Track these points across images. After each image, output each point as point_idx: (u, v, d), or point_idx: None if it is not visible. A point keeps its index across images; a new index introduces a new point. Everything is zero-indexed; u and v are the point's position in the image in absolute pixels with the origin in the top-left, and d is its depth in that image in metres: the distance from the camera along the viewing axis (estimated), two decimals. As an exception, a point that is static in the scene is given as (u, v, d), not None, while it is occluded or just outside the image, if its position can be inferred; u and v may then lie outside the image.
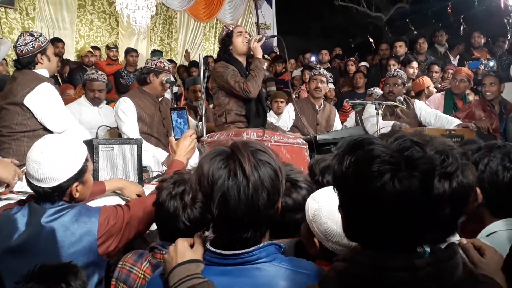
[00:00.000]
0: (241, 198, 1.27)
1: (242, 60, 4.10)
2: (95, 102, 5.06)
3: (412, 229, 1.04)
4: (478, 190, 1.79)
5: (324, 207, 1.62)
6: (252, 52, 4.02)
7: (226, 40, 4.10)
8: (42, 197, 2.05)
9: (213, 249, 1.37)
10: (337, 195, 1.18)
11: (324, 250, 1.63)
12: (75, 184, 2.07)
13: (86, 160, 2.12)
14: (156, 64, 4.15)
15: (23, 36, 3.47)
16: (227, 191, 1.27)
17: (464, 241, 1.44)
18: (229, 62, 4.05)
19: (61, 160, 2.02)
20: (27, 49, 3.40)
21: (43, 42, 3.49)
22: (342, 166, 1.09)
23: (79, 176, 2.07)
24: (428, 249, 1.11)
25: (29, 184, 2.05)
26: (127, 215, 2.16)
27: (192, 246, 1.44)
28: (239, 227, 1.32)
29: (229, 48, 4.09)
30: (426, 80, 6.30)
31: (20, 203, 2.15)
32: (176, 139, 2.60)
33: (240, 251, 1.33)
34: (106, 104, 5.44)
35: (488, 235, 1.76)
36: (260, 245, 1.35)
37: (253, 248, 1.34)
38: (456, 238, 1.50)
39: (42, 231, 1.98)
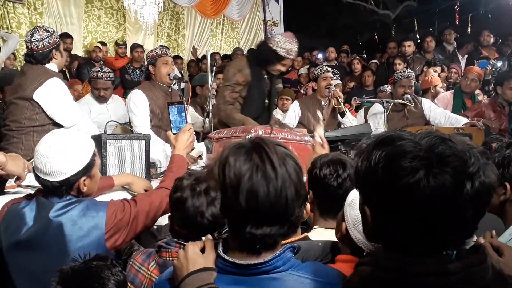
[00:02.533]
0: (270, 190, 1.22)
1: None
2: (101, 100, 5.03)
3: (440, 229, 1.02)
4: (508, 185, 1.79)
5: None
6: None
7: (272, 53, 4.11)
8: (50, 191, 2.05)
9: (226, 257, 1.31)
10: (359, 193, 1.16)
11: (348, 239, 1.65)
12: (82, 178, 2.07)
13: (94, 154, 2.12)
14: (150, 56, 4.23)
15: (38, 31, 3.46)
16: (256, 184, 1.22)
17: (482, 240, 1.41)
18: (252, 67, 4.15)
19: (69, 154, 2.01)
20: (43, 44, 3.42)
21: (57, 38, 3.53)
22: (370, 162, 1.06)
23: (86, 170, 2.07)
24: (453, 252, 1.08)
25: (37, 178, 2.05)
26: (134, 209, 2.15)
27: (202, 250, 1.38)
28: (264, 222, 1.26)
29: (268, 62, 4.18)
30: (435, 79, 6.28)
31: (28, 197, 2.15)
32: (174, 134, 2.61)
33: (255, 262, 1.27)
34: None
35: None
36: (277, 253, 1.29)
37: (269, 258, 1.28)
38: (473, 239, 1.48)
39: (50, 225, 1.98)
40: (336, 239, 1.78)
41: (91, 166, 2.10)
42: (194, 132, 2.63)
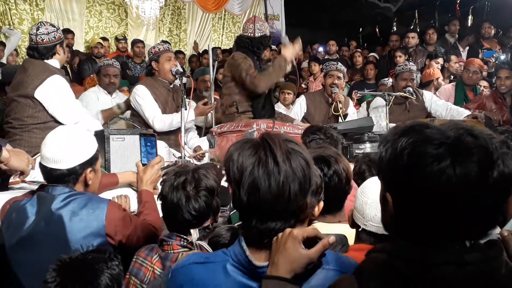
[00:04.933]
0: (272, 185, 1.23)
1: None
2: (110, 88, 5.01)
3: (462, 218, 1.02)
4: None
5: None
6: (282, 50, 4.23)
7: (266, 41, 4.36)
8: (55, 180, 2.08)
9: (247, 253, 1.29)
10: (381, 181, 1.16)
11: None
12: (88, 169, 2.12)
13: (98, 149, 2.19)
14: (152, 52, 4.21)
15: (44, 25, 3.48)
16: (257, 178, 1.24)
17: (506, 233, 1.40)
18: (249, 55, 4.24)
19: (77, 143, 2.09)
20: (48, 38, 3.43)
21: (62, 34, 3.57)
22: (395, 148, 1.05)
23: (92, 161, 2.14)
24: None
25: (44, 169, 2.09)
26: (133, 216, 2.21)
27: (307, 242, 1.27)
28: (268, 217, 1.27)
29: (263, 49, 4.37)
30: (436, 71, 6.28)
31: (29, 194, 2.18)
32: (143, 165, 2.60)
33: (263, 264, 1.27)
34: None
35: None
36: None
37: None
38: (496, 231, 1.48)
39: (51, 218, 2.01)
40: (341, 232, 1.81)
41: (96, 158, 2.17)
42: (163, 166, 2.63)
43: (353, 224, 1.81)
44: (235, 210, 2.32)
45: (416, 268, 1.03)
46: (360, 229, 1.74)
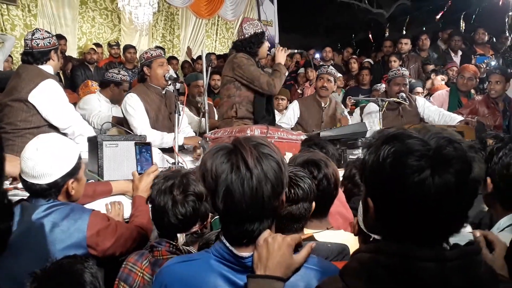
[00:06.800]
0: (245, 190, 1.28)
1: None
2: (119, 101, 5.04)
3: (440, 222, 1.05)
4: (488, 180, 1.82)
5: None
6: (275, 58, 4.32)
7: (258, 38, 4.27)
8: (38, 195, 2.05)
9: (230, 248, 1.34)
10: (364, 185, 1.19)
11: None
12: (70, 181, 2.09)
13: (79, 158, 2.14)
14: (144, 58, 4.18)
15: (40, 31, 3.53)
16: (231, 185, 1.28)
17: (478, 233, 1.43)
18: (251, 56, 4.23)
19: (56, 156, 2.04)
20: (44, 43, 3.45)
21: (57, 41, 3.60)
22: (378, 156, 1.08)
23: (73, 172, 2.09)
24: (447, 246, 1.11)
25: (24, 183, 2.06)
26: (119, 223, 2.20)
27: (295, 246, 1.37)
28: (244, 220, 1.32)
29: (256, 47, 4.26)
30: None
31: (14, 204, 2.13)
32: (139, 174, 2.60)
33: (247, 255, 1.33)
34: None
35: (501, 230, 1.77)
36: None
37: None
38: (467, 230, 1.49)
39: (32, 227, 1.99)
40: (339, 241, 1.81)
41: (77, 168, 2.12)
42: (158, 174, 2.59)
43: (360, 233, 1.80)
44: (216, 217, 2.35)
45: (399, 261, 1.06)
46: (371, 239, 1.72)
